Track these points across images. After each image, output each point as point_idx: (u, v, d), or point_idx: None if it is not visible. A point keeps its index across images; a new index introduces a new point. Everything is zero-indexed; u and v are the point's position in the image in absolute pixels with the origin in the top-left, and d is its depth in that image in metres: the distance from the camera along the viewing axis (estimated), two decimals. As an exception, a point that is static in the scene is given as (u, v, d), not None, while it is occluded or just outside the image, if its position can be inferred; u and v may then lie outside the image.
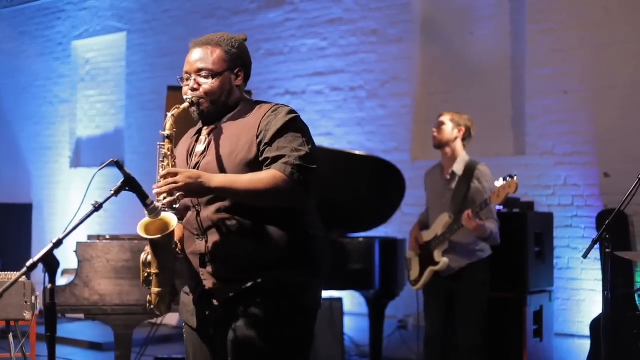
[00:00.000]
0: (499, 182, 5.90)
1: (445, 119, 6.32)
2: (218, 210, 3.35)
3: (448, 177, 6.28)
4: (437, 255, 6.21)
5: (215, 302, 3.39)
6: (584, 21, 8.16)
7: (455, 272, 6.18)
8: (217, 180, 3.24)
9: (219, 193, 3.27)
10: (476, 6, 9.13)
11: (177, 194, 3.19)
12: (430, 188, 6.48)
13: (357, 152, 8.08)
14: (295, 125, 3.38)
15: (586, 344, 7.39)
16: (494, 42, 9.00)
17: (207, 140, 3.49)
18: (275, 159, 3.29)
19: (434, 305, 6.33)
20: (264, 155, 3.32)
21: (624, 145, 7.72)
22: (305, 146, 3.33)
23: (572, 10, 8.27)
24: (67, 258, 5.20)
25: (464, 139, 6.32)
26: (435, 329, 6.32)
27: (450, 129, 6.29)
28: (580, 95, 8.16)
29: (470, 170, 6.23)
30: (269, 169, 3.28)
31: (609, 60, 7.99)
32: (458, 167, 6.26)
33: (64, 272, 9.30)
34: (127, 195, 3.27)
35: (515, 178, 5.87)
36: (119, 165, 3.18)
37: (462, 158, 6.30)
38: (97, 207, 3.11)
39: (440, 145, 6.32)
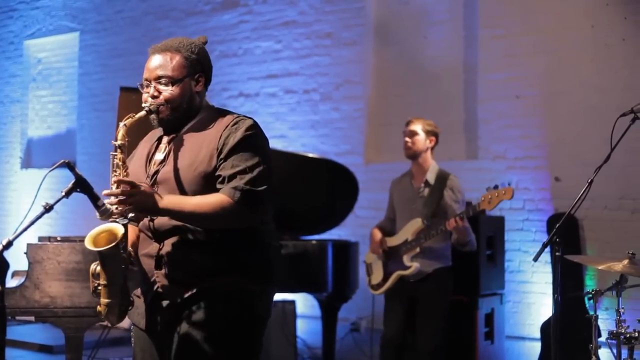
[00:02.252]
0: (490, 189, 5.91)
1: (417, 128, 6.27)
2: (173, 217, 3.33)
3: (422, 185, 6.28)
4: (407, 259, 6.20)
5: (165, 304, 3.37)
6: (536, 27, 8.24)
7: (422, 276, 6.19)
8: (165, 202, 3.22)
9: (165, 214, 3.26)
10: (430, 11, 9.18)
11: (128, 207, 3.16)
12: (399, 196, 6.46)
13: (311, 155, 8.08)
14: (253, 141, 3.36)
15: (537, 347, 7.47)
16: (447, 47, 9.06)
17: (167, 149, 3.46)
18: (226, 179, 3.28)
19: (396, 308, 6.32)
20: (218, 172, 3.30)
21: (575, 150, 7.80)
22: (259, 166, 3.30)
23: (524, 16, 8.34)
24: (17, 259, 5.14)
25: (432, 148, 6.34)
26: (394, 332, 6.32)
27: (423, 139, 6.26)
28: (532, 100, 8.23)
29: (442, 179, 6.24)
30: (220, 189, 3.27)
31: (560, 65, 8.07)
32: (431, 176, 6.26)
33: (14, 273, 9.21)
34: (79, 197, 3.25)
35: (511, 185, 5.89)
36: (70, 166, 3.15)
37: (434, 167, 6.31)
38: (48, 209, 3.09)
39: (415, 156, 6.30)
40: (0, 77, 13.29)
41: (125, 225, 3.22)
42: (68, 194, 3.14)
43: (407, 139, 6.29)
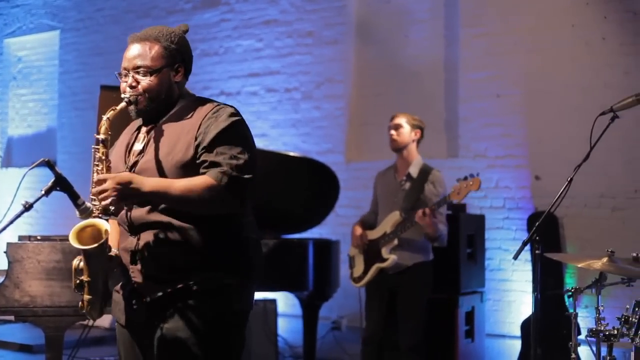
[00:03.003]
0: (460, 180, 5.95)
1: (402, 121, 6.31)
2: (151, 210, 3.31)
3: (404, 178, 6.31)
4: (384, 252, 6.23)
5: (144, 299, 3.36)
6: (517, 26, 8.27)
7: (402, 269, 6.21)
8: (150, 185, 3.19)
9: (151, 198, 3.23)
10: (411, 10, 9.20)
11: (109, 201, 3.14)
12: (382, 188, 6.49)
13: (292, 154, 8.08)
14: (236, 129, 3.34)
15: (517, 344, 7.49)
16: (428, 46, 9.07)
17: (145, 139, 3.44)
18: (212, 165, 3.25)
19: (377, 304, 6.34)
20: (202, 159, 3.27)
21: (555, 149, 7.83)
22: (244, 154, 3.28)
23: (505, 15, 8.37)
24: (-3, 258, 5.13)
25: (418, 141, 6.36)
26: (376, 328, 6.33)
27: (408, 131, 6.30)
28: (513, 99, 8.26)
29: (425, 173, 6.28)
30: (205, 173, 3.25)
31: (540, 64, 8.10)
32: (414, 170, 6.30)
33: (-6, 273, 9.16)
34: (59, 196, 3.24)
35: (478, 176, 5.93)
36: (50, 165, 3.14)
37: (418, 161, 6.34)
38: (28, 207, 3.08)
39: (399, 149, 6.33)
40: (-20, 75, 13.23)
41: (107, 221, 3.21)
42: (48, 192, 3.13)
43: (393, 131, 6.32)
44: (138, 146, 3.45)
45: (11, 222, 3.02)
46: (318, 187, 7.61)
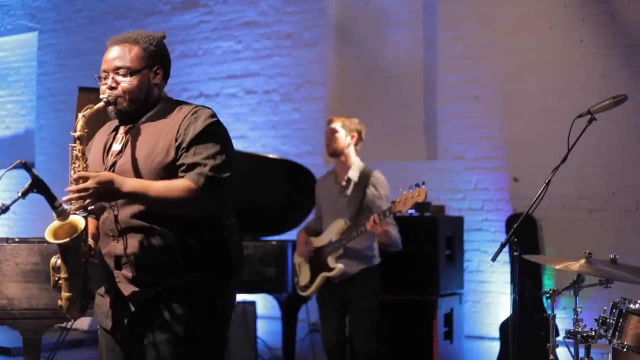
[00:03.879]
0: (406, 190, 5.90)
1: (337, 125, 6.27)
2: (135, 214, 3.32)
3: (344, 183, 6.28)
4: (331, 261, 6.20)
5: (129, 304, 3.37)
6: (495, 28, 8.29)
7: (348, 278, 6.19)
8: (130, 185, 3.21)
9: (130, 198, 3.25)
10: (390, 12, 9.21)
11: (88, 200, 3.15)
12: (324, 195, 6.46)
13: (271, 156, 8.08)
14: (213, 130, 3.36)
15: (496, 346, 7.52)
16: (407, 48, 9.08)
17: (124, 139, 3.45)
18: (190, 167, 3.27)
19: (333, 314, 6.32)
20: (181, 161, 3.30)
21: (533, 151, 7.85)
22: (222, 154, 3.31)
23: (483, 17, 8.39)
24: (-26, 261, 5.10)
25: (355, 144, 6.33)
26: (334, 338, 6.32)
27: (343, 136, 6.26)
28: (491, 101, 8.28)
29: (365, 176, 6.23)
30: (183, 176, 3.26)
31: (519, 67, 8.12)
32: (353, 174, 6.26)
33: (-28, 275, 9.10)
34: (37, 198, 3.22)
35: (424, 186, 5.86)
36: (26, 166, 3.13)
37: (357, 164, 6.30)
38: (4, 209, 3.06)
39: (335, 154, 6.31)
40: (-43, 76, 13.15)
41: (85, 218, 3.20)
42: (24, 194, 3.11)
43: (328, 137, 6.30)
44: (116, 147, 3.47)
45: (-12, 224, 3.00)
46: (297, 189, 7.62)
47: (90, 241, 3.35)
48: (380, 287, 6.30)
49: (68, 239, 3.16)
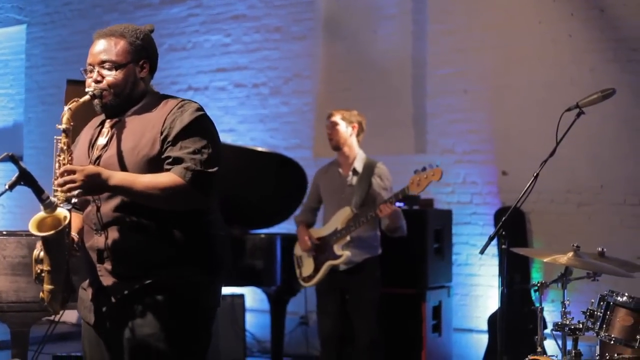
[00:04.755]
0: (419, 172, 5.92)
1: (337, 118, 6.33)
2: (118, 207, 3.31)
3: (350, 173, 6.32)
4: (337, 249, 6.22)
5: (112, 298, 3.36)
6: (484, 22, 8.30)
7: (352, 266, 6.22)
8: (117, 178, 3.20)
9: (116, 192, 3.24)
10: (379, 5, 9.21)
11: (76, 192, 3.14)
12: (326, 185, 6.48)
13: (260, 149, 8.07)
14: (200, 124, 3.35)
15: (484, 339, 7.54)
16: (396, 41, 9.08)
17: (109, 133, 3.44)
18: (176, 160, 3.26)
19: (331, 303, 6.35)
20: (166, 154, 3.28)
21: (522, 144, 7.87)
22: (209, 148, 3.30)
23: (472, 11, 8.40)
24: (-38, 254, 5.08)
25: (357, 135, 6.37)
26: (334, 328, 6.34)
27: (344, 128, 6.32)
28: (480, 94, 8.29)
29: (370, 167, 6.29)
30: (169, 170, 3.25)
31: (507, 61, 8.14)
32: (358, 165, 6.32)
33: (-40, 268, 9.08)
34: (26, 191, 3.21)
35: (439, 166, 5.89)
36: (13, 159, 3.11)
37: (360, 155, 6.36)
38: (-8, 202, 3.06)
39: (338, 146, 6.35)
40: (-55, 69, 13.10)
41: (69, 211, 3.19)
42: (11, 187, 3.10)
43: (329, 131, 6.34)
44: (102, 140, 3.46)
45: (-25, 216, 2.99)
46: (286, 182, 7.62)
47: (74, 234, 3.35)
48: (381, 277, 6.34)
49: (51, 232, 3.14)
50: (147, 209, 3.28)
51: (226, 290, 3.65)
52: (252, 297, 8.97)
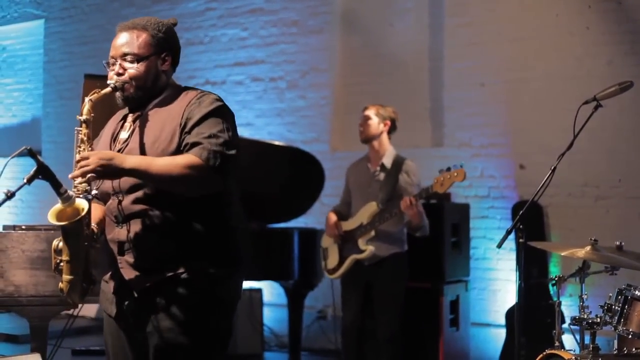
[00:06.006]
0: (443, 171, 5.92)
1: (371, 113, 6.33)
2: (139, 200, 3.31)
3: (378, 168, 6.32)
4: (361, 243, 6.23)
5: (133, 291, 3.37)
6: (501, 15, 8.28)
7: (377, 260, 6.22)
8: (131, 161, 3.17)
9: (132, 175, 3.21)
10: (396, -1, 9.21)
11: (89, 176, 3.13)
12: (355, 179, 6.50)
13: (277, 143, 8.08)
14: (218, 112, 3.34)
15: (502, 333, 7.52)
16: (413, 35, 9.07)
17: (131, 127, 3.44)
18: (193, 145, 3.24)
19: (353, 295, 6.36)
20: (184, 142, 3.28)
21: (539, 138, 7.85)
22: (225, 132, 3.28)
23: (489, 4, 8.38)
24: (-19, 249, 5.11)
25: (389, 132, 6.37)
26: (354, 319, 6.36)
27: (376, 123, 6.32)
28: (497, 88, 8.27)
29: (398, 163, 6.29)
30: (187, 153, 3.25)
31: (524, 53, 8.12)
32: (387, 160, 6.32)
33: (-21, 262, 9.13)
34: (44, 186, 3.22)
35: (462, 167, 5.88)
36: (31, 153, 3.12)
37: (390, 152, 6.36)
38: (10, 196, 3.06)
39: (367, 140, 6.36)
40: (-36, 64, 13.17)
41: (89, 202, 3.20)
42: (30, 180, 3.11)
43: (360, 123, 6.35)
44: (124, 134, 3.46)
45: (-6, 210, 3.00)
46: (303, 176, 7.62)
47: (94, 225, 3.35)
48: (407, 272, 6.34)
49: (70, 221, 3.15)
50: (168, 201, 3.28)
51: (244, 284, 3.63)
52: (270, 291, 8.99)
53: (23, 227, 5.62)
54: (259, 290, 8.28)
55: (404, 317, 6.56)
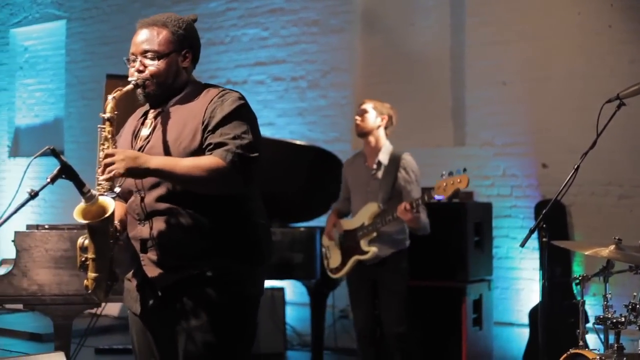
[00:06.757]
0: (445, 176, 5.85)
1: (368, 107, 6.30)
2: (161, 197, 3.32)
3: (374, 166, 6.28)
4: (364, 244, 6.20)
5: (156, 289, 3.38)
6: (523, 14, 8.25)
7: (379, 260, 6.20)
8: (156, 161, 3.20)
9: (157, 175, 3.23)
10: (417, -3, 9.19)
11: (113, 173, 3.14)
12: (352, 177, 6.46)
13: (299, 142, 8.08)
14: (241, 112, 3.35)
15: (525, 332, 7.50)
16: (434, 34, 9.05)
17: (152, 124, 3.45)
18: (217, 146, 3.25)
19: (363, 296, 6.34)
20: (207, 141, 3.28)
21: (561, 136, 7.81)
22: (249, 134, 3.29)
23: (510, 3, 8.35)
24: (6, 248, 5.15)
25: (386, 127, 6.32)
26: (366, 319, 6.34)
27: (373, 117, 6.27)
28: (519, 86, 8.24)
29: (395, 159, 6.22)
30: (211, 154, 3.26)
31: (546, 52, 8.08)
32: (384, 157, 6.26)
33: (3, 262, 9.17)
34: (67, 185, 3.24)
35: (466, 172, 5.80)
36: (55, 152, 3.13)
37: (387, 147, 6.30)
38: (33, 195, 3.08)
39: (364, 133, 6.31)
40: (-14, 65, 13.25)
41: (113, 200, 3.21)
42: (53, 180, 3.13)
43: (357, 117, 6.31)
44: (145, 131, 3.47)
45: (17, 209, 3.02)
46: (325, 176, 7.61)
47: (117, 223, 3.36)
48: (408, 270, 6.31)
49: (98, 220, 3.16)
50: (191, 198, 3.29)
51: (266, 283, 3.64)
52: (292, 290, 9.00)
53: (46, 226, 5.65)
54: (281, 289, 8.28)
55: (427, 316, 6.55)
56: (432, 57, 9.02)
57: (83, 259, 3.31)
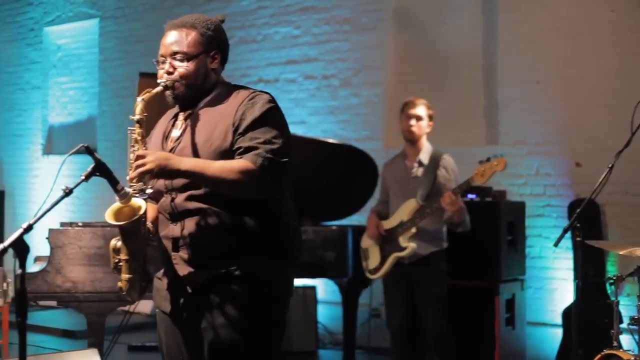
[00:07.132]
0: (483, 162, 5.87)
1: (422, 112, 6.28)
2: (192, 197, 3.34)
3: (416, 165, 6.29)
4: (402, 241, 6.20)
5: (187, 287, 3.39)
6: (556, 12, 8.20)
7: (418, 259, 6.19)
8: (187, 163, 3.22)
9: (187, 177, 3.25)
10: (449, -5, 9.17)
11: (144, 169, 3.16)
12: (392, 177, 6.46)
13: (331, 140, 8.07)
14: (271, 116, 3.35)
15: (558, 333, 7.45)
16: (466, 32, 9.02)
17: (183, 125, 3.47)
18: (247, 149, 3.26)
19: (399, 296, 6.33)
20: (237, 145, 3.29)
21: (595, 135, 7.76)
22: (279, 138, 3.30)
23: (543, 0, 8.31)
24: (40, 245, 5.18)
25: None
26: (402, 320, 6.33)
27: (426, 124, 6.30)
28: (552, 85, 8.19)
29: (436, 159, 6.25)
30: (241, 158, 3.26)
31: (580, 50, 8.03)
32: (424, 156, 6.27)
33: (37, 259, 9.23)
34: (101, 183, 3.25)
35: (503, 156, 5.83)
36: (89, 150, 3.15)
37: (427, 147, 6.32)
38: (68, 192, 3.09)
39: (414, 139, 6.32)
40: (20, 63, 13.33)
41: (145, 201, 3.23)
42: (87, 177, 3.15)
43: (413, 121, 6.28)
44: (175, 133, 3.49)
45: (52, 206, 3.03)
46: (357, 174, 7.60)
47: (149, 224, 3.38)
48: (447, 269, 6.30)
49: (129, 221, 3.19)
50: (221, 198, 3.30)
51: (298, 282, 3.66)
52: (324, 288, 9.00)
53: (80, 224, 5.69)
54: (313, 288, 8.29)
55: (459, 315, 6.53)
56: (464, 55, 8.99)
57: (116, 260, 3.34)
